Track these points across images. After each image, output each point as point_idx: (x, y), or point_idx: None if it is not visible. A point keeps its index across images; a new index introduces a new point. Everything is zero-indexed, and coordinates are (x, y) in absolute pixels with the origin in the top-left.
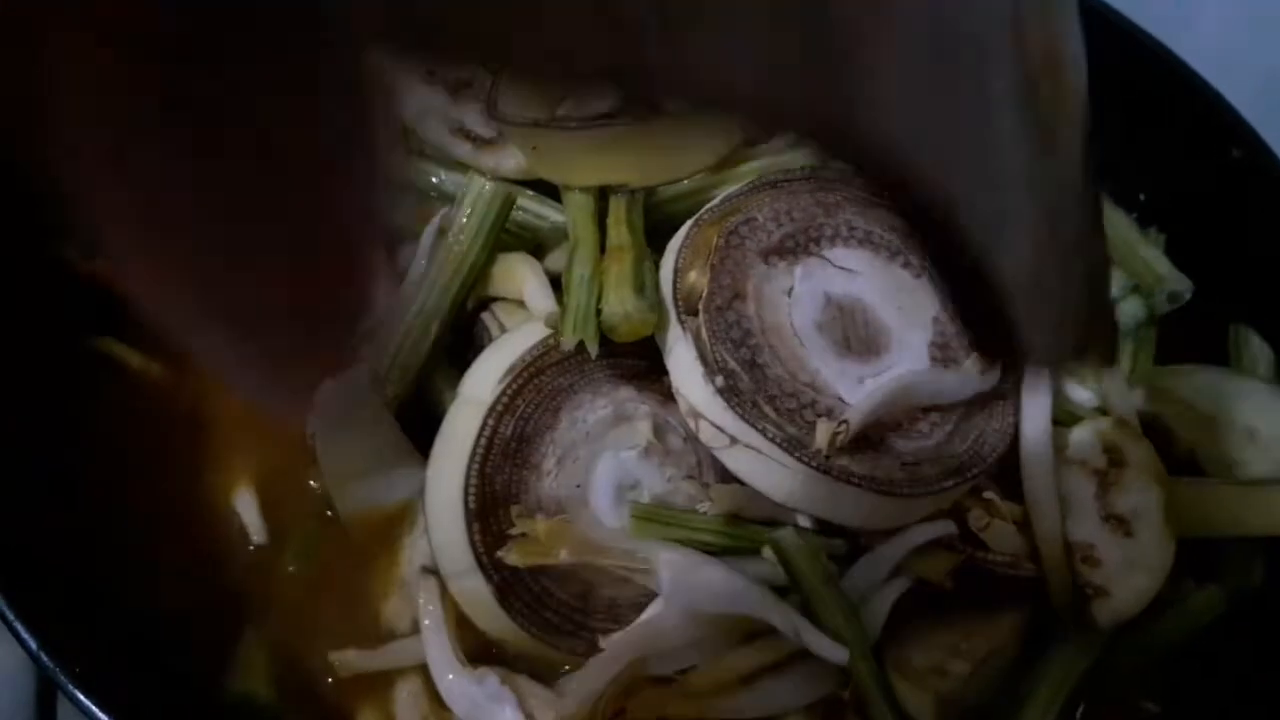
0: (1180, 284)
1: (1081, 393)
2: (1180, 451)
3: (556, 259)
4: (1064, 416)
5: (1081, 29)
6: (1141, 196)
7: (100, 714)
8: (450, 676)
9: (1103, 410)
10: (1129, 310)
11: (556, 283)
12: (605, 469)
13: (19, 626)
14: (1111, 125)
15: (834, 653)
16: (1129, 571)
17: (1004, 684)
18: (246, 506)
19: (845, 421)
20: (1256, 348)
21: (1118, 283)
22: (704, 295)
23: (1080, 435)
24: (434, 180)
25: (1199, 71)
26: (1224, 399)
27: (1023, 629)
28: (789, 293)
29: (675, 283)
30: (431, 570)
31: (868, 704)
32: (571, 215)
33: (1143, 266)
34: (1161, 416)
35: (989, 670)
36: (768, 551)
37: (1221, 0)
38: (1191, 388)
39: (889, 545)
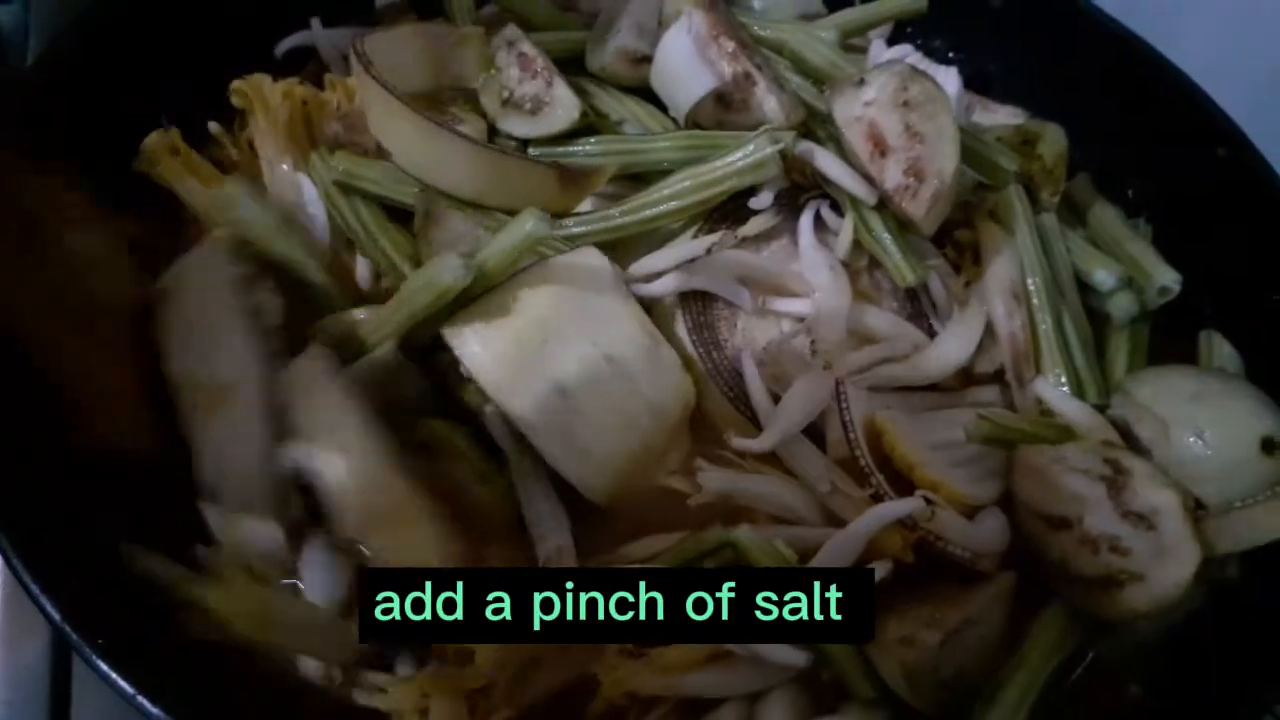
0: (1169, 278)
1: (1067, 405)
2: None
3: None
4: (1056, 433)
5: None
6: (1130, 192)
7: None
8: None
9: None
10: (1122, 305)
11: None
12: None
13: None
14: (1102, 123)
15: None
16: (1161, 560)
17: (990, 659)
18: None
19: None
20: (1226, 355)
21: (1110, 276)
22: None
23: (1074, 452)
24: None
25: (1189, 74)
26: (1179, 404)
27: (1006, 602)
28: None
29: None
30: None
31: (845, 677)
32: None
33: (1131, 261)
34: (1125, 420)
35: (967, 642)
36: None
37: (1212, 4)
38: (1152, 393)
39: (861, 521)
